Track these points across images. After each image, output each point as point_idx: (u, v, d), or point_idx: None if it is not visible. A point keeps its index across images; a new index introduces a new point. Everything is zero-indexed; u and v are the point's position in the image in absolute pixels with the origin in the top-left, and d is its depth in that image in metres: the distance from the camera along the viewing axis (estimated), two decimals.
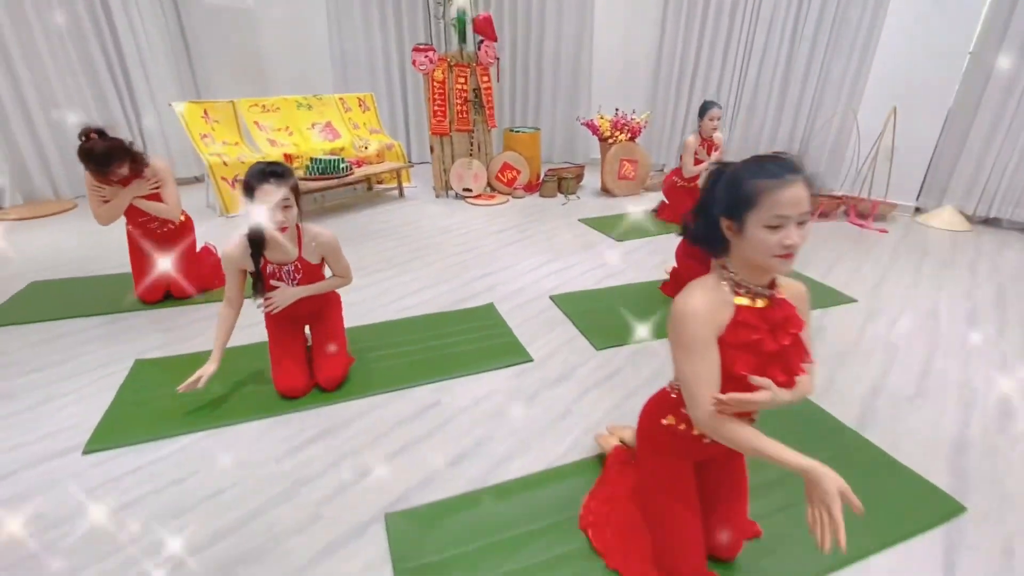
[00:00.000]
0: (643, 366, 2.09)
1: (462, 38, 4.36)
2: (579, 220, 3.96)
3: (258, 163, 1.63)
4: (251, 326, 2.18)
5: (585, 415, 1.81)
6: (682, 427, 1.15)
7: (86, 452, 1.61)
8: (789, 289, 1.06)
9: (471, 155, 4.52)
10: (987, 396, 1.92)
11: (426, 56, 4.18)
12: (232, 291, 1.76)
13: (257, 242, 1.67)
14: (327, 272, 1.91)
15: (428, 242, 3.49)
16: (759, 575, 1.25)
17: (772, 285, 1.02)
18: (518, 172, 4.59)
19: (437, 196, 4.58)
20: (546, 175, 4.63)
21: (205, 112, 4.10)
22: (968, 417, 1.81)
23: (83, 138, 2.13)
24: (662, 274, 2.86)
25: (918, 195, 4.21)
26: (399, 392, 1.93)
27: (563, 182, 4.63)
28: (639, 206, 4.23)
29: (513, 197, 4.57)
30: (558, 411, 1.83)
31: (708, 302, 0.98)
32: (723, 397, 0.93)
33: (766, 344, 0.99)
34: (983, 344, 2.28)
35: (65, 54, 4.09)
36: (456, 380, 2.00)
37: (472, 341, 2.24)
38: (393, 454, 1.63)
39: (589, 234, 3.68)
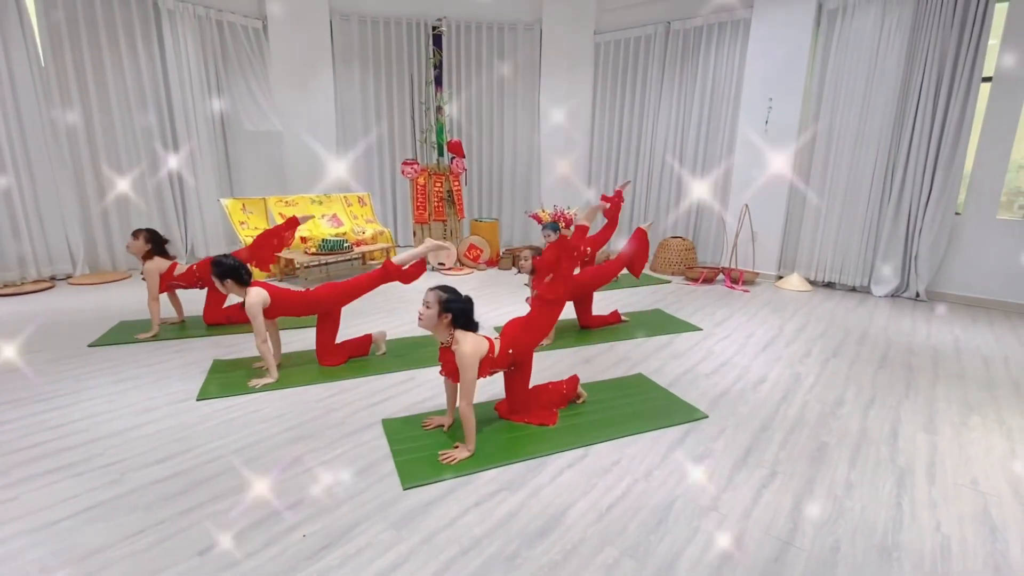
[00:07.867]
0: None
1: (440, 152, 5.90)
2: (524, 284, 5.25)
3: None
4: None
5: None
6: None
7: None
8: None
9: (444, 238, 5.89)
10: (752, 374, 3.13)
11: (412, 167, 5.67)
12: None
13: None
14: None
15: (397, 297, 4.71)
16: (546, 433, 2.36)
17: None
18: (481, 251, 5.95)
19: None
20: (504, 253, 5.99)
21: (244, 206, 5.44)
22: (734, 383, 3.00)
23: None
24: None
25: (779, 266, 5.65)
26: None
27: (516, 259, 5.97)
28: None
29: (477, 270, 5.89)
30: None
31: None
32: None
33: None
34: (771, 351, 3.51)
35: (137, 153, 5.49)
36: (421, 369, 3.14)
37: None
38: None
39: (522, 291, 4.94)
